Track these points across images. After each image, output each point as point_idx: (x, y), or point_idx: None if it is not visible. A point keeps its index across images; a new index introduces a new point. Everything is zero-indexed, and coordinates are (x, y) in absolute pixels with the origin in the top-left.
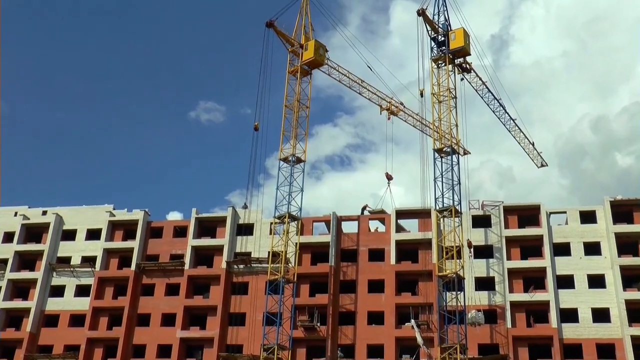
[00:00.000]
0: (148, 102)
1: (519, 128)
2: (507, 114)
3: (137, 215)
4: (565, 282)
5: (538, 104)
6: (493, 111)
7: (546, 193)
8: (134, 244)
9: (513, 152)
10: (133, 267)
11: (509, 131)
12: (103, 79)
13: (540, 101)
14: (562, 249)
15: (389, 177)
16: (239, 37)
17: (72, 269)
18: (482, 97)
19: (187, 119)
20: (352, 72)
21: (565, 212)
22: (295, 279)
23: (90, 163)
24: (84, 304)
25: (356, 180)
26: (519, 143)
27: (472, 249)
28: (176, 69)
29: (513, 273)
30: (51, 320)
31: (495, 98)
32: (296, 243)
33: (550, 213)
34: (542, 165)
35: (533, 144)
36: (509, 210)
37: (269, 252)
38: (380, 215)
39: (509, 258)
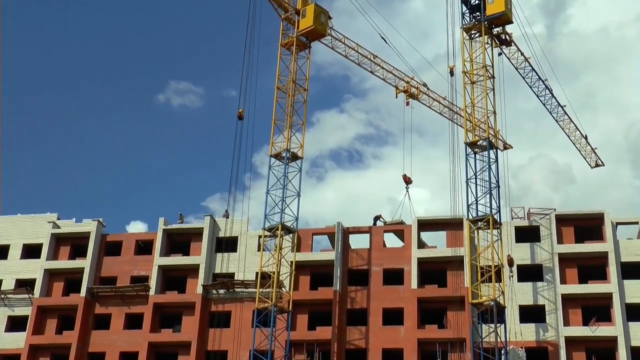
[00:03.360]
0: (104, 82)
1: (569, 117)
2: (555, 98)
3: (89, 226)
4: (638, 312)
5: (604, 84)
6: (537, 95)
7: (614, 198)
8: (84, 263)
9: (572, 145)
10: (83, 292)
11: (557, 121)
12: (43, 52)
13: (607, 80)
14: (632, 270)
15: (408, 181)
16: (220, 0)
17: (3, 296)
18: (523, 78)
19: (154, 104)
20: (362, 45)
21: (637, 223)
22: (290, 307)
23: (28, 159)
24: (18, 341)
25: (368, 181)
26: (569, 136)
27: (512, 269)
28: (140, 41)
29: (569, 300)
30: None
31: (540, 78)
32: (291, 262)
33: (618, 224)
34: (597, 165)
35: (586, 138)
36: (563, 220)
37: (256, 274)
38: (398, 226)
39: (563, 281)
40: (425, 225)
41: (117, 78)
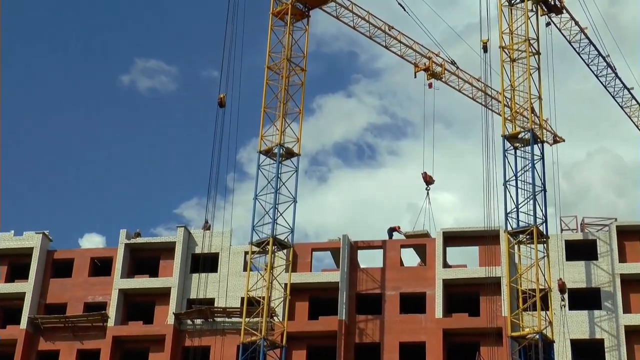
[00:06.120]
0: (52, 60)
1: (638, 102)
2: (619, 79)
3: (31, 240)
4: None
5: None
6: (597, 75)
7: None
8: (26, 287)
9: None
10: (24, 324)
11: (621, 107)
12: None
13: None
14: None
15: (429, 180)
16: None
17: None
18: (578, 53)
19: (116, 87)
20: (375, 14)
21: None
22: (284, 341)
23: None
24: None
25: (383, 183)
26: (637, 127)
27: (565, 296)
28: (99, 9)
29: (634, 334)
30: None
31: (599, 54)
32: (286, 284)
33: None
34: None
35: None
36: (626, 233)
37: (242, 299)
38: (419, 240)
39: (627, 310)
40: (453, 238)
41: (69, 55)
